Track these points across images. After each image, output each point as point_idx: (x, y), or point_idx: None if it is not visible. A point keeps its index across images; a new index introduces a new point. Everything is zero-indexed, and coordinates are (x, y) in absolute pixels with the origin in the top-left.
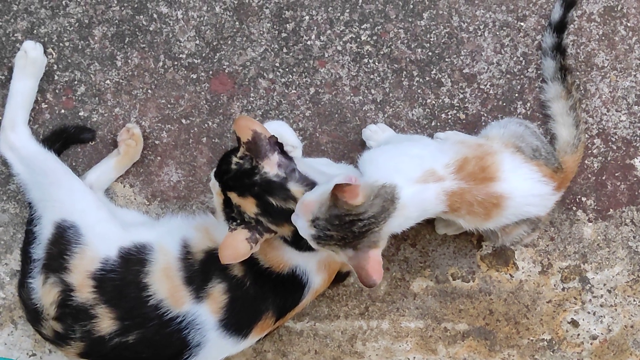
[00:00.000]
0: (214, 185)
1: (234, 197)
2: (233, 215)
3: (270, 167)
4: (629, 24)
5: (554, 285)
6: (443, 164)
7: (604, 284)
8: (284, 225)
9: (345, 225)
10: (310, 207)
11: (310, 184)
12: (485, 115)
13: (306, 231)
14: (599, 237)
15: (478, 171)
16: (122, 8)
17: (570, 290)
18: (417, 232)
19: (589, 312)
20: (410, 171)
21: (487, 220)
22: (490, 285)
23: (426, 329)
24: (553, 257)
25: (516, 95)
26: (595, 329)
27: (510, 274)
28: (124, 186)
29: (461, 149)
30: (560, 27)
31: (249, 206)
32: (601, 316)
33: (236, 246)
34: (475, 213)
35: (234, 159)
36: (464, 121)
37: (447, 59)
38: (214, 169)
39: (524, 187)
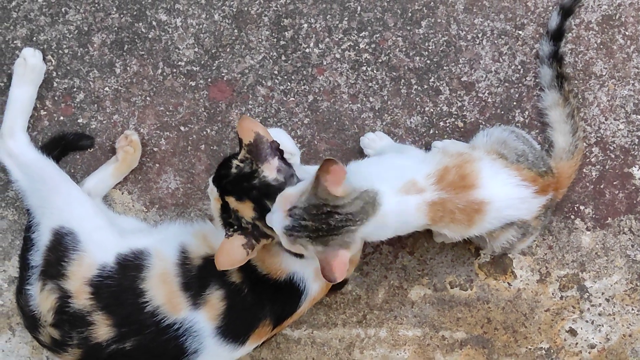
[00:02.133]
0: (212, 190)
1: (231, 201)
2: (230, 220)
3: (270, 171)
4: (627, 33)
5: (552, 293)
6: (424, 175)
7: (602, 293)
8: None
9: (323, 216)
10: (289, 198)
11: None
12: (484, 123)
13: (280, 223)
14: (597, 246)
15: (458, 180)
16: (122, 15)
17: (569, 298)
18: (415, 240)
19: (587, 321)
20: (393, 181)
21: (471, 227)
22: (488, 293)
23: (424, 337)
24: (551, 265)
25: (514, 103)
26: (593, 338)
27: (508, 282)
28: (122, 193)
29: (442, 158)
30: (557, 35)
31: (247, 210)
32: (599, 325)
33: (232, 252)
34: (458, 220)
35: (235, 162)
36: (462, 129)
37: (445, 67)
38: (212, 175)
39: (503, 192)
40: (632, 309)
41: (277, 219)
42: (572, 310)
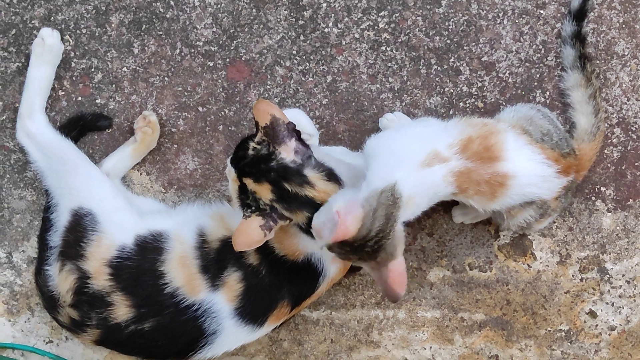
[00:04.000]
0: (230, 171)
1: (249, 183)
2: (248, 202)
3: (287, 153)
4: None
5: (572, 275)
6: (447, 144)
7: (623, 275)
8: (298, 212)
9: (357, 249)
10: (319, 232)
11: (326, 171)
12: (504, 103)
13: (328, 251)
14: (618, 227)
15: (482, 150)
16: None
17: (589, 280)
18: (435, 222)
19: (607, 303)
20: (413, 157)
21: (493, 200)
22: (507, 275)
23: (443, 318)
24: (571, 247)
25: (535, 83)
26: (613, 320)
27: (528, 264)
28: (141, 174)
29: (465, 128)
30: (579, 15)
31: (265, 192)
32: (620, 307)
33: (250, 233)
34: (482, 192)
35: (252, 144)
36: (482, 110)
37: (465, 47)
38: (231, 156)
39: (527, 167)
40: None
41: (321, 246)
42: (592, 292)
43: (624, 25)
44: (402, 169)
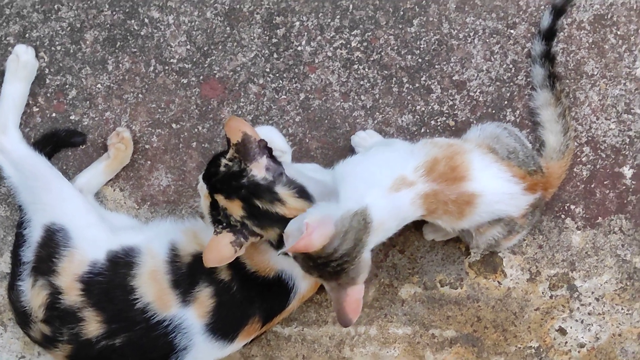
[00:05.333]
0: (202, 187)
1: (220, 199)
2: (219, 218)
3: (259, 170)
4: (618, 32)
5: (542, 292)
6: (413, 168)
7: (592, 292)
8: (269, 228)
9: (320, 266)
10: (286, 238)
11: (297, 188)
12: (475, 122)
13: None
14: (587, 245)
15: (449, 171)
16: (114, 12)
17: (558, 298)
18: (406, 239)
19: (576, 320)
20: (381, 181)
21: (461, 219)
22: (478, 292)
23: (414, 335)
24: (541, 264)
25: (505, 102)
26: (583, 337)
27: (498, 281)
28: (114, 190)
29: (431, 149)
30: (549, 35)
31: (235, 209)
32: (589, 324)
33: (220, 250)
34: (450, 212)
35: (223, 161)
36: (453, 128)
37: (436, 66)
38: (203, 172)
39: (494, 185)
40: (622, 309)
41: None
42: (561, 310)
43: (593, 45)
44: (371, 195)
